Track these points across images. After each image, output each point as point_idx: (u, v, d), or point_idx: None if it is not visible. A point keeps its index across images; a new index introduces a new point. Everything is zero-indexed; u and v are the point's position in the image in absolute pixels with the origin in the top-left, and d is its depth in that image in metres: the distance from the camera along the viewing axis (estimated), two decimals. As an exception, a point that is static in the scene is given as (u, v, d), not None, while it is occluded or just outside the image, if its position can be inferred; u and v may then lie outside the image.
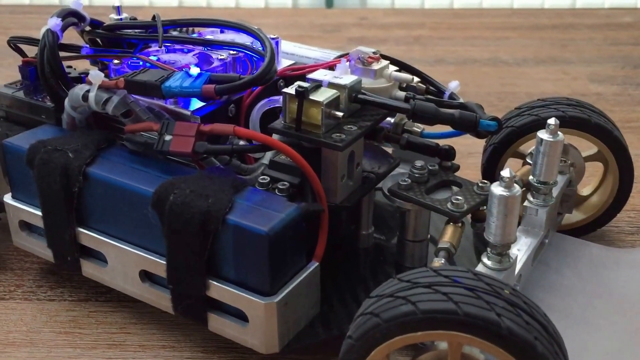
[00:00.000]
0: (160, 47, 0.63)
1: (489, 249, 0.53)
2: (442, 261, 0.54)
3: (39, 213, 0.61)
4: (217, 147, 0.56)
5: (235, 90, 0.56)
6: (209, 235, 0.52)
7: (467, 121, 0.60)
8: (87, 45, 0.68)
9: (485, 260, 0.53)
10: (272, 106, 0.61)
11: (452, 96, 0.68)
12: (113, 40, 0.68)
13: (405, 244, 0.64)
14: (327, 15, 1.70)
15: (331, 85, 0.60)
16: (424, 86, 0.69)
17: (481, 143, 0.76)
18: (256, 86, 0.57)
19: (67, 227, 0.60)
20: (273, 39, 0.71)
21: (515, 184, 0.52)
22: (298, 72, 0.68)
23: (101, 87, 0.59)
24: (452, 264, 0.55)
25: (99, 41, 0.69)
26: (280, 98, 0.60)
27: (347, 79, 0.60)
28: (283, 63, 0.72)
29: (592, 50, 1.38)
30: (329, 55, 0.77)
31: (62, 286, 0.68)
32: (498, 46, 1.41)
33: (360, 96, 0.61)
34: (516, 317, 0.41)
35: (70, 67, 0.70)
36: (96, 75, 0.59)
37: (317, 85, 0.58)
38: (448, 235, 0.56)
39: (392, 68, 0.67)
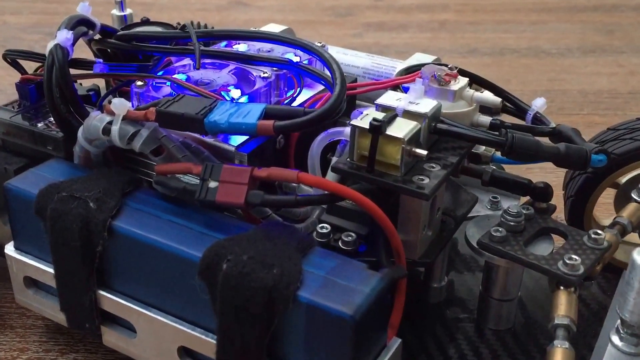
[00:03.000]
0: (198, 67, 0.54)
1: (620, 326, 0.46)
2: (566, 345, 0.46)
3: (50, 270, 0.53)
4: (276, 199, 0.47)
5: (299, 128, 0.47)
6: (274, 315, 0.44)
7: (576, 158, 0.52)
8: (99, 59, 0.59)
9: (616, 340, 0.45)
10: (334, 139, 0.53)
11: (537, 117, 0.59)
12: (128, 52, 0.59)
13: (489, 303, 0.56)
14: (338, -6, 1.60)
15: (407, 114, 0.51)
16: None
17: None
18: (325, 122, 0.48)
19: (87, 291, 0.51)
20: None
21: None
22: (355, 92, 0.60)
23: (126, 119, 0.50)
24: (573, 344, 0.47)
25: (110, 51, 0.60)
26: (345, 130, 0.51)
27: (426, 105, 0.52)
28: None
29: (643, 37, 1.30)
30: (379, 62, 0.68)
31: (74, 350, 0.59)
32: (535, 32, 1.33)
33: (440, 126, 0.52)
34: None
35: (75, 81, 0.61)
36: (120, 105, 0.50)
37: (393, 115, 0.50)
38: (564, 307, 0.48)
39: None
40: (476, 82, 0.62)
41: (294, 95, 0.57)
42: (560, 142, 0.58)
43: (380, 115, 0.50)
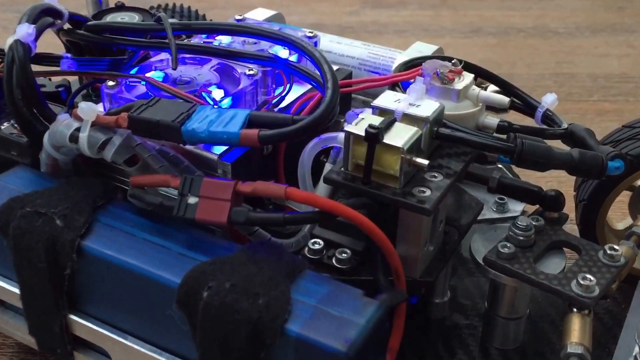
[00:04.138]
0: (174, 68, 0.50)
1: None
2: (581, 379, 0.43)
3: (16, 290, 0.49)
4: (262, 217, 0.44)
5: (287, 138, 0.44)
6: (260, 350, 0.40)
7: (592, 165, 0.48)
8: (67, 54, 0.55)
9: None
10: (327, 146, 0.49)
11: (547, 115, 0.56)
12: (100, 45, 0.55)
13: (495, 321, 0.53)
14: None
15: (407, 118, 0.48)
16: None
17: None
18: (316, 131, 0.44)
19: (57, 315, 0.48)
20: (310, 38, 0.58)
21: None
22: (350, 90, 0.56)
23: (96, 125, 0.46)
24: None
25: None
26: (339, 136, 0.48)
27: (427, 107, 0.48)
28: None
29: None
30: (376, 52, 0.64)
31: (46, 371, 0.56)
32: (543, 10, 1.28)
33: (442, 130, 0.49)
34: None
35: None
36: (89, 110, 0.46)
37: (391, 120, 0.46)
38: (577, 333, 0.45)
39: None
40: (482, 76, 0.59)
41: (283, 94, 0.53)
42: (573, 143, 0.55)
43: (377, 121, 0.46)
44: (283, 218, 0.44)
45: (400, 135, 0.45)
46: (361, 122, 0.46)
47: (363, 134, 0.44)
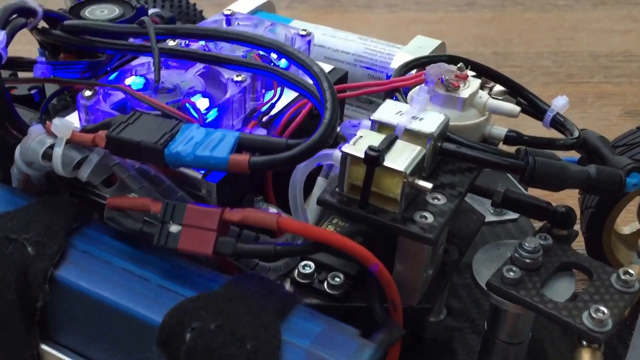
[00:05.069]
0: (157, 81, 0.46)
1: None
2: None
3: (-14, 317, 0.46)
4: (251, 249, 0.41)
5: (281, 165, 0.40)
6: (249, 400, 0.37)
7: (610, 184, 0.45)
8: (41, 58, 0.50)
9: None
10: (321, 164, 0.46)
11: (557, 119, 0.52)
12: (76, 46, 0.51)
13: (495, 345, 0.50)
14: None
15: (409, 134, 0.44)
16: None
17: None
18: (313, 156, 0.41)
19: (28, 346, 0.45)
20: (303, 36, 0.54)
21: None
22: (345, 95, 0.52)
23: (71, 143, 0.43)
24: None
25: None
26: (335, 153, 0.44)
27: (431, 121, 0.45)
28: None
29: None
30: (373, 48, 0.60)
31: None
32: (541, -22, 1.24)
33: (447, 146, 0.45)
34: None
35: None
36: (63, 127, 0.42)
37: (392, 138, 0.43)
38: (588, 371, 0.42)
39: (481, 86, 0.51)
40: (488, 75, 0.55)
41: (274, 101, 0.49)
42: (585, 152, 0.52)
43: (376, 139, 0.43)
44: (274, 250, 0.40)
45: (402, 156, 0.42)
46: (359, 141, 0.43)
47: (362, 155, 0.41)
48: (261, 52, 0.50)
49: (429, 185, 0.42)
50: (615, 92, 0.92)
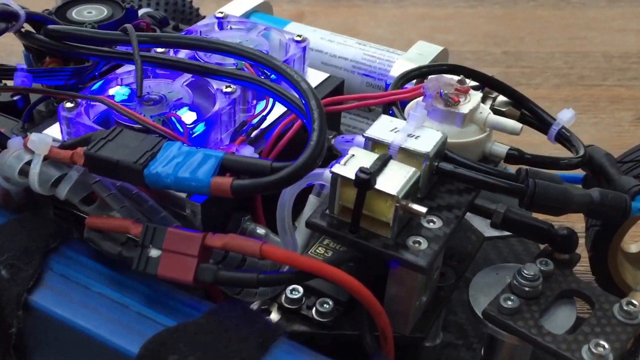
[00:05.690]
0: (139, 96, 0.44)
1: None
2: None
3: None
4: (233, 277, 0.39)
5: (264, 190, 0.38)
6: None
7: (614, 209, 0.43)
8: (22, 65, 0.48)
9: None
10: (311, 184, 0.44)
11: (563, 134, 0.50)
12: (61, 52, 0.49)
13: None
14: None
15: (404, 153, 0.42)
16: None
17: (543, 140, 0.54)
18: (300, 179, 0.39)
19: (3, 370, 0.43)
20: (298, 42, 0.52)
21: None
22: (340, 108, 0.50)
23: (49, 160, 0.41)
24: None
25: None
26: (325, 173, 0.42)
27: (428, 139, 0.43)
28: (311, 75, 0.53)
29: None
30: (372, 54, 0.58)
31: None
32: (554, -27, 1.21)
33: (443, 166, 0.44)
34: None
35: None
36: (40, 143, 0.41)
37: (386, 159, 0.41)
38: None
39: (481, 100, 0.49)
40: (492, 86, 0.53)
41: (264, 113, 0.47)
42: (590, 171, 0.50)
43: (369, 159, 0.41)
44: (257, 279, 0.38)
45: (395, 179, 0.40)
46: (351, 161, 0.41)
47: (352, 177, 0.39)
48: (253, 62, 0.48)
49: (423, 209, 0.40)
50: (628, 96, 0.89)
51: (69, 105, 0.45)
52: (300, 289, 0.44)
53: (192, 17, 0.74)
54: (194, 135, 0.45)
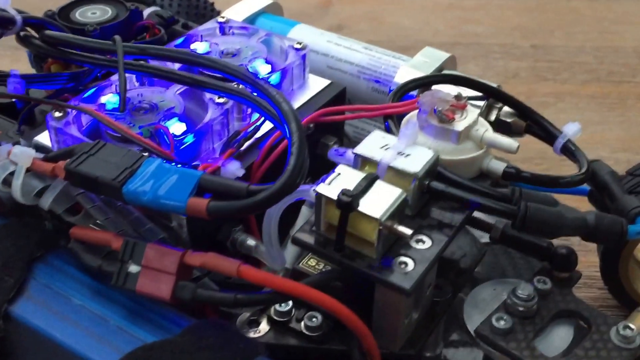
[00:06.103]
0: (121, 110, 0.43)
1: None
2: None
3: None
4: (210, 296, 0.38)
5: (240, 213, 0.38)
6: None
7: (609, 234, 0.42)
8: (15, 71, 0.48)
9: None
10: (298, 199, 0.43)
11: (568, 147, 0.49)
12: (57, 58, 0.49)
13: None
14: None
15: (393, 172, 0.41)
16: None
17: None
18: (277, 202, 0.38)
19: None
20: (298, 50, 0.51)
21: None
22: (338, 118, 0.49)
23: (31, 171, 0.41)
24: None
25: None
26: (311, 190, 0.41)
27: (418, 158, 0.42)
28: (312, 82, 0.52)
29: None
30: (379, 59, 0.57)
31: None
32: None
33: (434, 185, 0.42)
34: None
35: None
36: (23, 155, 0.41)
37: (372, 179, 0.40)
38: None
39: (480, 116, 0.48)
40: (498, 98, 0.51)
41: (258, 124, 0.47)
42: (594, 187, 0.48)
43: (354, 179, 0.40)
44: (234, 299, 0.38)
45: (379, 200, 0.39)
46: (336, 180, 0.40)
47: (335, 197, 0.38)
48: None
49: (408, 231, 0.39)
50: (658, 95, 0.86)
51: (57, 114, 0.44)
52: (290, 301, 0.43)
53: (206, 12, 0.73)
54: (183, 146, 0.44)
